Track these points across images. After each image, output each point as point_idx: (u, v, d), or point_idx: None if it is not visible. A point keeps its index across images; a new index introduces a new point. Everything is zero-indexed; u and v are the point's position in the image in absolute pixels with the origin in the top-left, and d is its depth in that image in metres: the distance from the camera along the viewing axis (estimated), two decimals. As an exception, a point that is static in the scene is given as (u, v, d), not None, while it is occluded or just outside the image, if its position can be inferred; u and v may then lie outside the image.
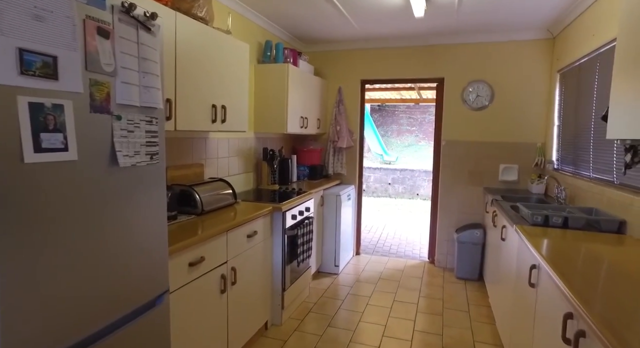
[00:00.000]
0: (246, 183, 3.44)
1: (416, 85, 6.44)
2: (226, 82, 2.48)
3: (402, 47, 4.19)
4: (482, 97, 3.98)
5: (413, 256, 4.81)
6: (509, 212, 2.65)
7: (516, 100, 3.91)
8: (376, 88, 6.93)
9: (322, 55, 4.48)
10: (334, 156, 4.45)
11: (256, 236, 2.49)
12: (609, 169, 2.45)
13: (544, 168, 3.83)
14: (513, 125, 3.93)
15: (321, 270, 4.03)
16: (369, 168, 10.00)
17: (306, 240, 3.08)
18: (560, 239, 1.98)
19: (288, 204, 2.82)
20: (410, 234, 6.03)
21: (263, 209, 2.58)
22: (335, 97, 4.44)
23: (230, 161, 3.17)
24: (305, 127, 3.84)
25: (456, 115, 4.09)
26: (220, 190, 2.59)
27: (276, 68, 3.42)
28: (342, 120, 4.36)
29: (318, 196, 3.76)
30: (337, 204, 3.91)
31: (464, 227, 3.98)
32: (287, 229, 2.83)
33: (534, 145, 3.89)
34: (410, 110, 14.20)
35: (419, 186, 9.53)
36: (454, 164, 4.14)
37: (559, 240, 1.96)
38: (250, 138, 3.48)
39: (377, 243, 5.40)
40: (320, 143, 4.56)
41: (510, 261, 2.45)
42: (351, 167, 4.51)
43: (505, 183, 4.00)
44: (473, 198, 4.11)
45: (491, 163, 4.03)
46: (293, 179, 4.08)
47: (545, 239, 1.97)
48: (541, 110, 3.85)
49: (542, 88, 3.83)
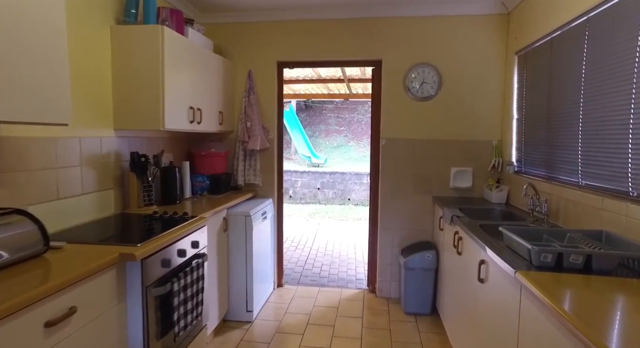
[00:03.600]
0: (101, 207, 2.24)
1: (346, 77, 5.61)
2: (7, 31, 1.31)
3: (330, 19, 3.27)
4: (428, 84, 3.20)
5: (349, 280, 3.93)
6: (487, 240, 1.83)
7: (467, 88, 3.19)
8: (300, 80, 6.00)
9: (225, 28, 3.40)
10: (244, 161, 3.39)
11: (74, 317, 1.35)
12: (619, 175, 1.72)
13: (501, 171, 3.15)
14: (465, 120, 3.21)
15: (228, 319, 2.94)
16: (296, 172, 9.05)
17: (190, 294, 1.99)
18: (599, 299, 1.14)
19: (153, 244, 1.71)
20: (344, 247, 5.18)
21: (98, 261, 1.45)
22: (245, 84, 3.39)
23: (66, 174, 1.96)
24: (198, 122, 2.73)
25: (398, 106, 3.27)
26: (10, 231, 1.41)
27: (144, 32, 2.27)
28: (253, 114, 3.32)
29: (218, 219, 2.68)
30: (247, 227, 2.85)
31: (412, 248, 3.16)
32: (153, 286, 1.73)
33: (489, 144, 3.20)
34: (339, 109, 13.57)
35: (350, 190, 8.80)
36: (396, 168, 3.31)
37: (600, 303, 1.12)
38: (108, 138, 2.29)
39: (305, 265, 4.43)
40: (227, 145, 3.47)
41: (499, 318, 1.61)
42: (268, 174, 3.48)
43: (458, 191, 3.26)
44: (420, 210, 3.32)
45: (441, 166, 3.27)
46: (186, 195, 2.94)
47: (572, 300, 1.12)
48: (496, 101, 3.17)
49: (497, 74, 3.15)
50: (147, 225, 2.06)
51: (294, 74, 5.71)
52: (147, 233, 1.85)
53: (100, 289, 1.48)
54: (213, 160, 3.21)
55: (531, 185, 2.29)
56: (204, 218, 2.26)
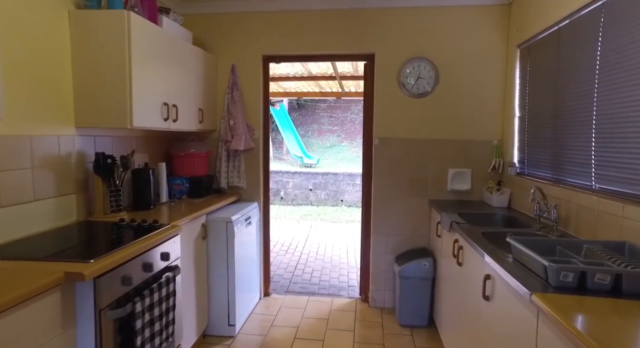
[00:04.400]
0: (60, 214, 1.99)
1: (337, 74, 5.39)
2: None
3: (319, 11, 3.04)
4: (423, 79, 2.99)
5: (341, 287, 3.71)
6: (493, 252, 1.62)
7: (466, 84, 2.98)
8: (290, 77, 5.76)
9: (207, 19, 3.16)
10: (228, 162, 3.15)
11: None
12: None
13: (502, 173, 2.94)
14: (463, 118, 3.00)
15: (209, 333, 2.70)
16: (287, 172, 8.81)
17: (159, 314, 1.76)
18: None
19: (111, 258, 1.48)
20: (336, 251, 4.97)
21: (35, 283, 1.21)
22: (228, 80, 3.15)
23: (10, 179, 1.72)
24: (174, 120, 2.49)
25: (392, 103, 3.05)
26: None
27: (108, 18, 2.03)
28: (237, 111, 3.08)
29: (196, 226, 2.44)
30: (229, 234, 2.62)
31: (407, 255, 2.94)
32: (110, 308, 1.49)
33: (489, 144, 3.00)
34: (332, 109, 13.35)
35: (343, 191, 8.58)
36: (390, 170, 3.10)
37: None
38: (68, 137, 2.04)
39: (295, 270, 4.21)
40: (209, 144, 3.23)
41: (509, 342, 1.40)
42: (253, 176, 3.24)
43: (456, 194, 3.05)
44: (416, 214, 3.10)
45: (438, 167, 3.06)
46: (163, 200, 2.70)
47: (603, 332, 0.91)
48: (497, 97, 2.96)
49: (498, 68, 2.95)
50: (109, 235, 1.82)
51: (283, 71, 5.48)
52: (107, 246, 1.62)
53: (38, 317, 1.24)
54: (193, 161, 2.97)
55: (539, 189, 2.08)
56: (176, 227, 2.02)
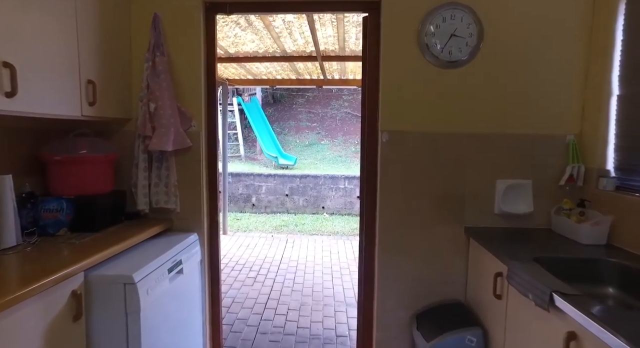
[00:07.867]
0: None
1: (319, 52, 4.26)
2: None
3: None
4: (460, 39, 1.89)
5: (327, 339, 2.64)
6: None
7: (525, 46, 1.90)
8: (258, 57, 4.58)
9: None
10: (149, 171, 1.97)
11: None
12: None
13: (584, 186, 1.89)
14: (520, 100, 1.92)
15: None
16: (260, 175, 7.62)
17: None
18: None
19: None
20: (318, 276, 3.94)
21: None
22: (148, 40, 1.96)
23: None
24: (7, 94, 1.29)
25: (408, 77, 1.94)
26: None
27: None
28: (162, 90, 1.90)
29: (57, 297, 1.24)
30: (128, 305, 1.43)
31: (434, 317, 1.84)
32: None
33: (561, 140, 1.93)
34: (310, 104, 12.23)
35: (325, 197, 7.45)
36: (405, 182, 1.99)
37: None
38: None
39: (264, 311, 3.11)
40: (116, 143, 2.03)
41: None
42: (191, 192, 2.06)
43: (508, 219, 1.97)
44: (446, 249, 2.01)
45: (480, 177, 1.97)
46: (7, 243, 1.49)
47: None
48: (576, 68, 1.90)
49: (579, 21, 1.88)
50: None
51: (249, 48, 4.30)
52: None
53: None
54: (83, 170, 1.78)
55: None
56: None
